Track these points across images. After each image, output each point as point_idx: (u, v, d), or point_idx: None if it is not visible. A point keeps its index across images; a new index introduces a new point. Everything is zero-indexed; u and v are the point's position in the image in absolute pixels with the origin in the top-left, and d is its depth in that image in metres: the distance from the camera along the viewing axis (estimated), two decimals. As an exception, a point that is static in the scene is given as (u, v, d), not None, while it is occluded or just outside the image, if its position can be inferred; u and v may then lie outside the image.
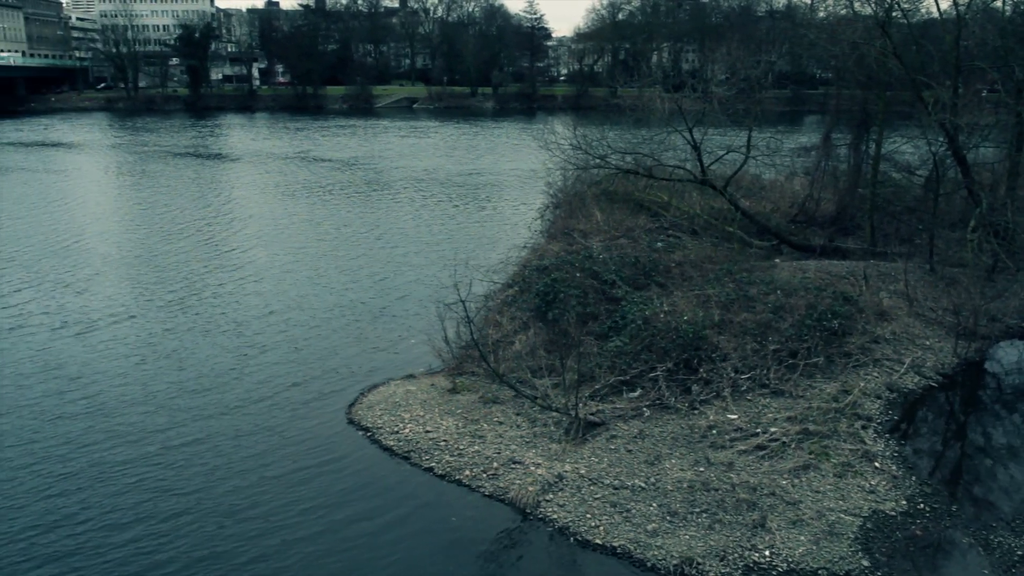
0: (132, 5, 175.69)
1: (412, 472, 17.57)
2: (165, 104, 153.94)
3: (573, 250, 28.79)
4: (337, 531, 15.45)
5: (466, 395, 20.68)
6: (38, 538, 15.10)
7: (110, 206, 53.70)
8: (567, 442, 17.98)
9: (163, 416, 20.32)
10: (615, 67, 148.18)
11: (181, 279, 32.94)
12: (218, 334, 26.32)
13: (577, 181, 38.53)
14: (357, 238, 40.94)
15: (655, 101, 34.91)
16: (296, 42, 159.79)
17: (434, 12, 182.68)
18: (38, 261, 35.94)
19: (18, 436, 19.15)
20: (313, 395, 21.69)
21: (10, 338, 25.81)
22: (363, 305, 29.56)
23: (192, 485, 17.08)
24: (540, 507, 15.79)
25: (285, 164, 72.45)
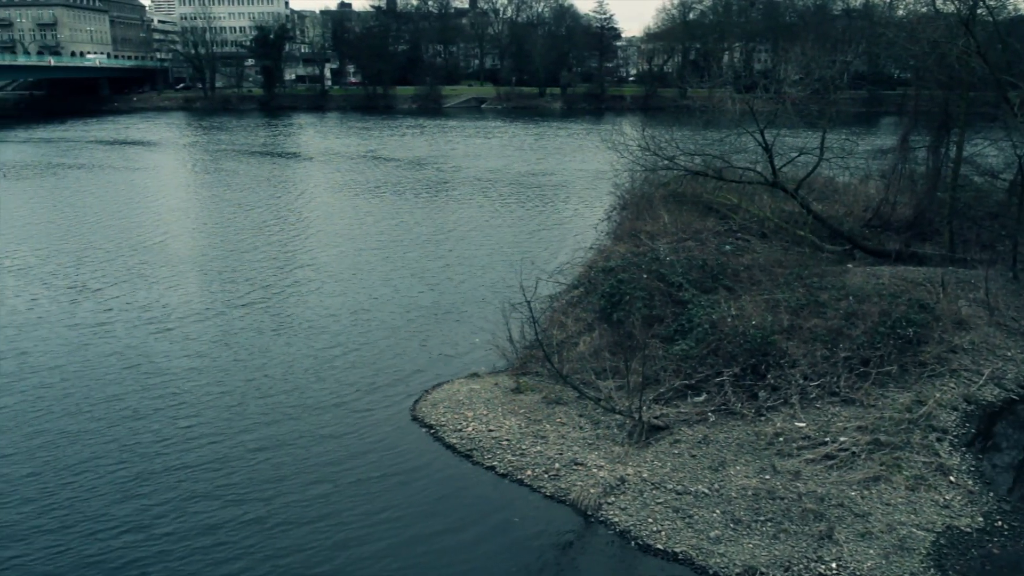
0: (211, 8, 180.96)
1: (474, 470, 17.68)
2: (240, 104, 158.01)
3: (640, 252, 28.56)
4: (398, 528, 15.64)
5: (529, 395, 20.71)
6: (111, 540, 15.39)
7: (187, 204, 55.39)
8: (630, 445, 17.86)
9: (234, 399, 20.90)
10: (685, 67, 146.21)
11: (253, 277, 33.75)
12: (289, 332, 26.89)
13: (645, 182, 38.21)
14: (424, 237, 41.36)
15: (726, 102, 34.36)
16: (367, 43, 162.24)
17: (503, 13, 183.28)
18: (121, 258, 37.25)
19: (98, 433, 19.76)
20: (378, 391, 22.00)
21: (98, 333, 26.69)
22: (429, 304, 29.85)
23: (261, 481, 17.45)
24: (601, 510, 15.72)
25: (354, 163, 73.62)
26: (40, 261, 36.28)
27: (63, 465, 17.92)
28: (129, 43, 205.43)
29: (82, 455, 18.33)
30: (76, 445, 18.77)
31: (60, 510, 16.15)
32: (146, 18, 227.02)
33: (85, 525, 15.68)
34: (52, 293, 31.21)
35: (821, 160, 32.32)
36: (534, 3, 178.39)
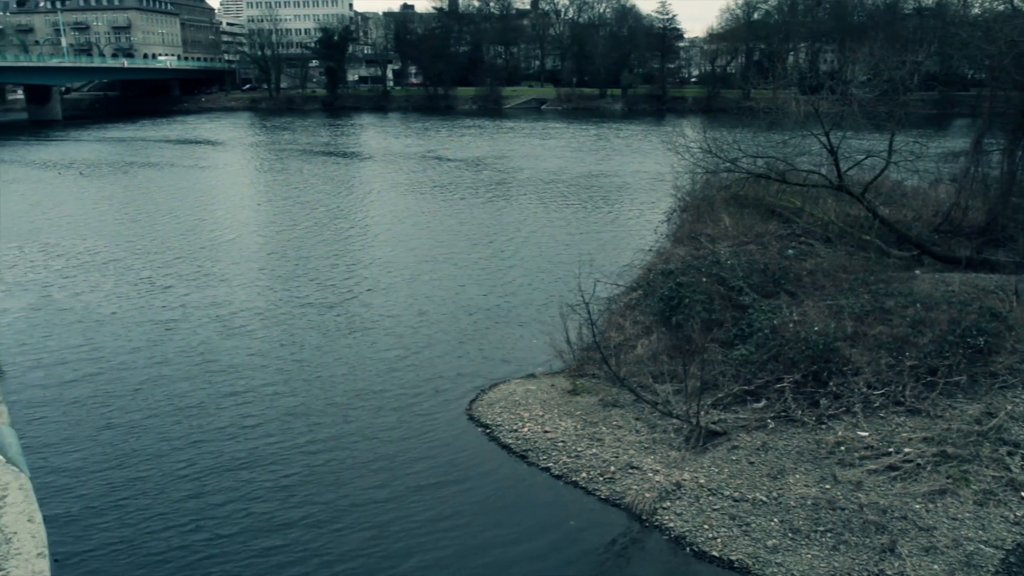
0: (277, 10, 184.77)
1: (529, 471, 17.73)
2: (304, 104, 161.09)
3: (700, 255, 28.27)
4: (453, 527, 15.76)
5: (586, 397, 20.67)
6: (172, 537, 15.63)
7: (252, 202, 56.71)
8: (687, 450, 17.71)
9: (296, 398, 21.33)
10: (748, 68, 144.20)
11: (315, 276, 34.36)
12: (349, 331, 27.30)
13: (706, 185, 37.80)
14: (482, 238, 41.57)
15: (790, 103, 33.77)
16: (429, 44, 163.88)
17: (565, 13, 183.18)
18: (190, 255, 38.33)
19: (163, 430, 20.28)
20: (436, 391, 22.21)
21: (167, 330, 27.38)
22: (487, 304, 30.00)
23: (321, 479, 17.74)
24: (656, 514, 15.62)
25: (415, 163, 74.38)
26: (114, 258, 37.55)
27: (129, 461, 18.46)
28: (199, 45, 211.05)
29: (147, 452, 18.83)
30: (142, 441, 19.29)
31: (123, 506, 16.60)
32: (215, 21, 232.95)
33: (148, 522, 16.09)
34: (125, 289, 32.25)
35: (889, 163, 31.52)
36: (596, 4, 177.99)
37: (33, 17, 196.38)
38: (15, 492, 8.50)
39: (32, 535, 7.86)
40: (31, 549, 7.70)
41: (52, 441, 19.20)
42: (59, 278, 33.97)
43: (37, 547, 7.66)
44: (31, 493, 8.49)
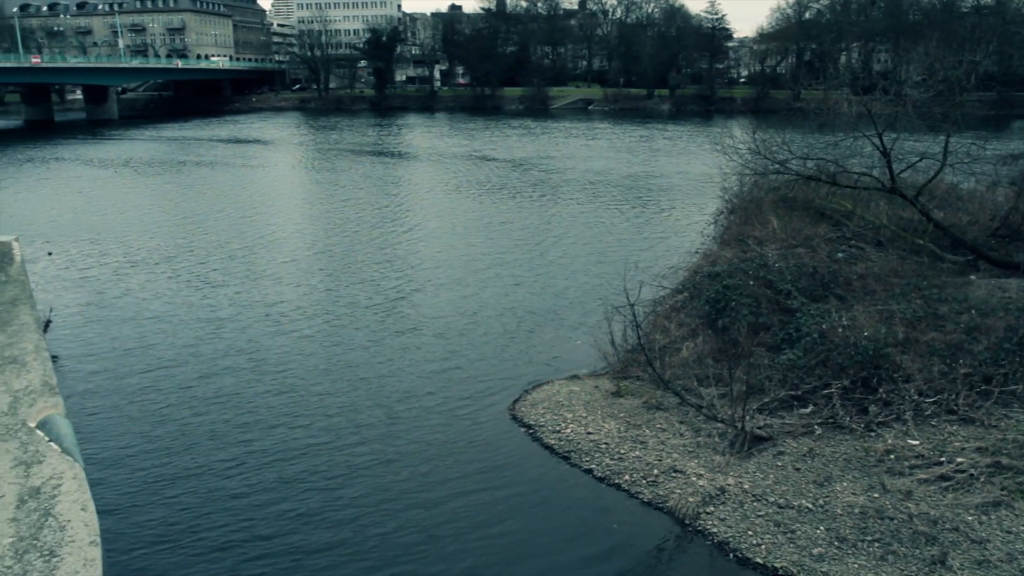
0: (327, 11, 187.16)
1: (571, 472, 17.68)
2: (352, 104, 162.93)
3: (747, 257, 27.92)
4: (495, 527, 15.77)
5: (629, 399, 20.55)
6: (220, 535, 15.89)
7: (300, 201, 57.53)
8: (731, 455, 17.50)
9: (341, 396, 21.57)
10: (799, 68, 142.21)
11: (362, 274, 34.72)
12: (394, 330, 27.52)
13: (754, 187, 37.32)
14: (527, 238, 41.59)
15: (842, 104, 33.16)
16: (476, 44, 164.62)
17: (613, 14, 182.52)
18: (240, 254, 38.99)
19: (211, 428, 20.64)
20: (478, 389, 22.27)
21: (218, 328, 27.80)
22: (531, 304, 30.00)
23: (364, 477, 17.90)
24: (700, 519, 15.46)
25: (461, 163, 74.70)
26: (167, 255, 38.37)
27: (178, 455, 18.82)
28: (250, 46, 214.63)
29: (195, 446, 19.16)
30: (191, 436, 19.64)
31: (171, 498, 16.92)
32: (266, 22, 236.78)
33: (194, 515, 16.35)
34: (177, 286, 32.94)
35: (944, 165, 30.76)
36: (644, 4, 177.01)
37: (92, 19, 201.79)
38: (69, 481, 8.74)
39: (85, 524, 8.07)
40: (84, 537, 7.91)
41: (105, 432, 19.67)
42: (114, 274, 34.82)
43: (90, 535, 7.86)
44: (84, 483, 8.72)
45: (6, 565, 6.86)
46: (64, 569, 7.06)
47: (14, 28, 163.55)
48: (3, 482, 8.37)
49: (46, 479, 8.43)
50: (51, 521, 7.70)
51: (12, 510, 7.79)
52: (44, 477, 8.43)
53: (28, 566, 7.04)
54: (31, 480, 8.43)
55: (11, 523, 7.54)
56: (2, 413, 9.90)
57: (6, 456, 8.91)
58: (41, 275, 33.28)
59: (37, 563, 7.07)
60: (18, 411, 9.83)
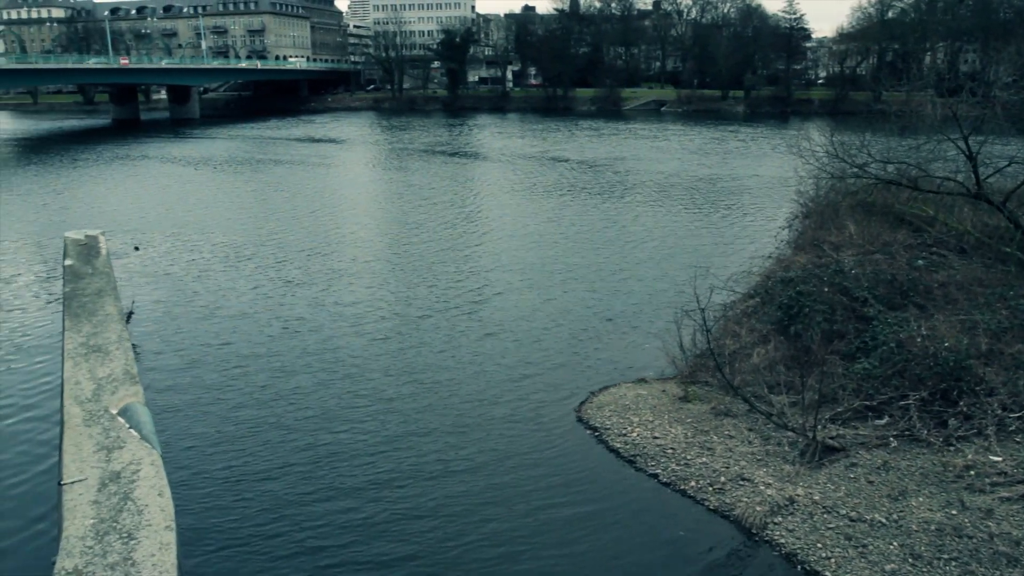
0: (402, 13, 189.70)
1: (637, 477, 17.53)
2: (425, 104, 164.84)
3: (822, 263, 27.26)
4: (559, 530, 15.72)
5: (697, 404, 20.28)
6: (289, 533, 16.22)
7: (374, 200, 58.48)
8: (801, 465, 17.10)
9: (410, 394, 21.81)
10: (880, 69, 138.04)
11: (432, 273, 35.05)
12: (463, 328, 27.71)
13: (831, 191, 36.43)
14: (596, 239, 41.41)
15: (925, 106, 32.11)
16: (549, 45, 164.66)
17: (688, 14, 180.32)
18: (315, 253, 39.80)
19: (285, 425, 20.99)
20: (545, 390, 22.26)
21: (299, 326, 28.25)
22: (600, 306, 29.85)
23: (431, 474, 18.04)
24: (767, 529, 15.15)
25: (531, 164, 74.81)
26: (245, 252, 39.42)
27: (250, 447, 19.26)
28: (326, 47, 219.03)
29: (267, 440, 19.53)
30: (263, 430, 20.04)
31: (243, 488, 17.34)
32: (343, 23, 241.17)
33: (263, 505, 16.66)
34: (255, 283, 33.79)
35: (1034, 171, 29.52)
36: (720, 4, 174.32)
37: (177, 22, 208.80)
38: (147, 467, 9.07)
39: (161, 508, 8.36)
40: (160, 522, 8.19)
41: (181, 422, 20.31)
42: (194, 269, 35.94)
43: (165, 520, 8.14)
44: (161, 469, 9.04)
45: (87, 545, 7.14)
46: (141, 551, 7.32)
47: (105, 31, 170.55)
48: (86, 465, 8.72)
49: (126, 464, 8.76)
50: (130, 505, 8.00)
51: (94, 493, 8.11)
52: (124, 462, 8.76)
53: (108, 547, 7.32)
54: (112, 465, 8.76)
55: (93, 505, 7.86)
56: (86, 399, 10.29)
57: (89, 441, 9.27)
58: (125, 268, 34.56)
59: (116, 544, 7.34)
60: (101, 398, 10.22)
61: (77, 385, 10.20)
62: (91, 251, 14.21)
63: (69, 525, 7.52)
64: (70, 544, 7.29)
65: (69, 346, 11.14)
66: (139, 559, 7.14)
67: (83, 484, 8.39)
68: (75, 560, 7.07)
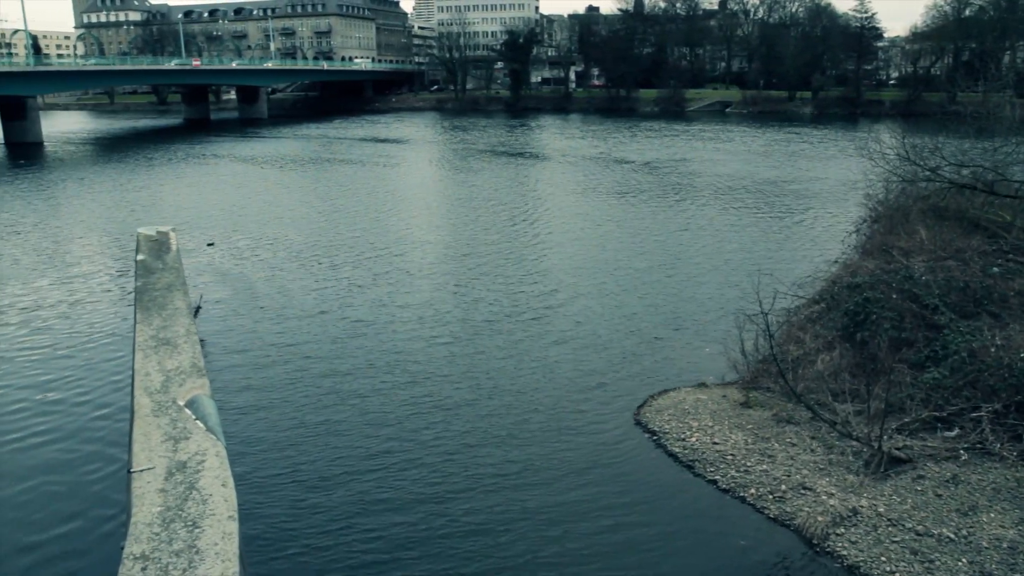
0: (466, 14, 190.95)
1: (695, 482, 17.30)
2: (488, 105, 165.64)
3: (891, 269, 26.51)
4: (616, 533, 15.60)
5: (759, 411, 19.93)
6: (342, 522, 16.50)
7: (435, 200, 59.06)
8: (865, 475, 16.66)
9: (468, 392, 21.93)
10: (956, 69, 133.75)
11: (492, 273, 35.16)
12: (526, 328, 27.72)
13: (901, 194, 35.44)
14: (658, 241, 41.06)
15: (1003, 107, 31.08)
16: (613, 45, 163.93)
17: (754, 13, 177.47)
18: (377, 252, 40.33)
19: (343, 418, 21.33)
20: (603, 392, 22.13)
21: (363, 326, 28.56)
22: (660, 309, 29.59)
23: (489, 475, 18.08)
24: (829, 540, 14.79)
25: (593, 165, 74.56)
26: (310, 251, 40.15)
27: (311, 441, 19.58)
28: (391, 48, 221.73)
29: (327, 435, 19.73)
30: (324, 425, 20.32)
31: (303, 482, 17.61)
32: (407, 24, 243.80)
33: (321, 501, 16.89)
34: (319, 281, 34.37)
35: (1120, 175, 28.29)
36: (788, 3, 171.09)
37: (247, 24, 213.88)
38: (212, 458, 9.30)
39: (225, 499, 8.56)
40: (223, 511, 8.39)
41: (244, 415, 20.76)
42: (260, 266, 36.77)
43: (228, 510, 8.33)
44: (226, 460, 9.25)
45: (154, 532, 7.35)
46: (205, 540, 7.51)
47: (178, 33, 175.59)
48: (154, 454, 8.97)
49: (192, 455, 8.98)
50: (195, 494, 8.21)
51: (161, 481, 8.34)
52: (190, 453, 8.99)
53: (173, 535, 7.53)
54: (178, 455, 8.99)
55: (160, 493, 8.08)
56: (156, 390, 10.58)
57: (158, 431, 9.53)
58: (194, 264, 35.51)
59: (181, 532, 7.55)
60: (169, 390, 10.50)
61: (147, 376, 10.50)
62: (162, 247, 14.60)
63: (137, 512, 7.74)
64: (138, 530, 7.50)
65: (140, 338, 11.47)
66: (203, 547, 7.32)
67: (151, 472, 8.62)
68: (143, 546, 7.27)
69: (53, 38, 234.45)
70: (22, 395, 22.22)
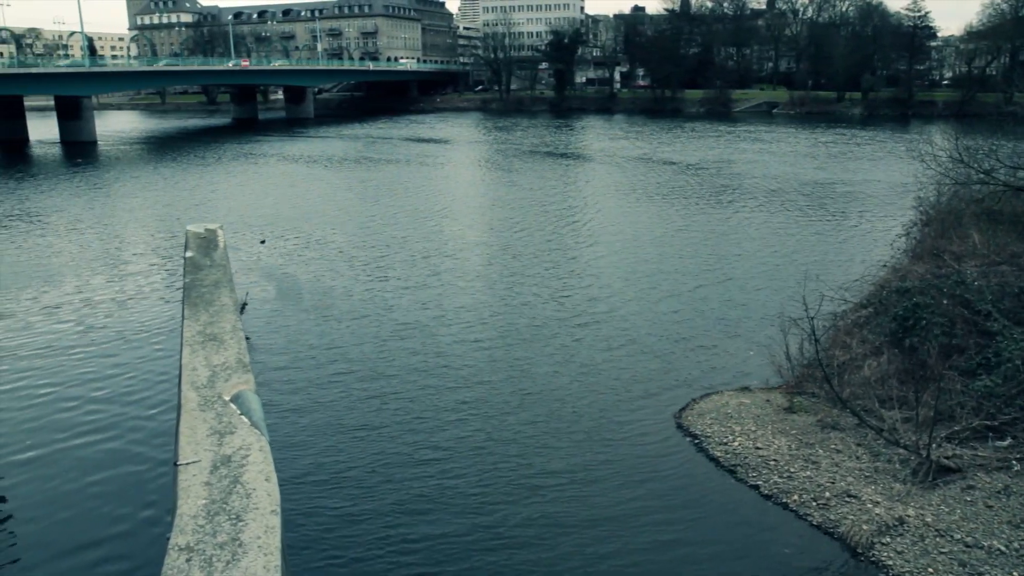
0: (511, 15, 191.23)
1: (736, 487, 17.11)
2: (532, 105, 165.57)
3: (941, 274, 25.93)
4: (656, 536, 15.49)
5: (803, 416, 19.64)
6: (381, 520, 16.67)
7: (477, 200, 59.20)
8: (913, 484, 16.31)
9: (511, 394, 21.96)
10: (1013, 69, 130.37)
11: (534, 274, 35.16)
12: (563, 331, 27.67)
13: (954, 197, 34.66)
14: (701, 243, 40.67)
15: (1062, 109, 30.16)
16: (658, 46, 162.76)
17: (803, 13, 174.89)
18: (419, 252, 40.58)
19: (382, 416, 21.54)
20: (645, 394, 21.99)
21: (404, 326, 28.85)
22: (702, 311, 29.31)
23: (525, 473, 18.11)
24: (874, 549, 14.51)
25: (637, 166, 74.13)
26: (354, 250, 40.57)
27: (352, 439, 19.78)
28: (436, 48, 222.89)
29: (366, 438, 19.77)
30: (363, 427, 20.44)
31: (344, 477, 17.81)
32: (452, 25, 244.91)
33: (357, 503, 16.99)
34: (362, 281, 34.71)
35: None
36: (838, 2, 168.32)
37: (295, 25, 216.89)
38: (256, 453, 9.41)
39: (268, 493, 8.66)
40: (266, 506, 8.49)
41: (287, 411, 21.03)
42: (304, 265, 37.24)
43: (271, 505, 8.43)
44: (269, 455, 9.35)
45: (199, 524, 7.48)
46: (248, 533, 7.61)
47: (228, 35, 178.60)
48: (200, 448, 9.12)
49: (236, 449, 9.11)
50: (239, 488, 8.32)
51: (206, 474, 8.47)
52: (235, 447, 9.11)
53: (217, 527, 7.64)
54: (223, 449, 9.13)
55: (205, 486, 8.21)
56: (202, 385, 10.77)
57: (203, 425, 9.69)
58: (241, 261, 36.08)
59: (225, 525, 7.66)
60: (215, 384, 10.67)
61: (194, 371, 10.67)
62: (210, 244, 14.79)
63: (183, 504, 7.87)
64: (183, 522, 7.63)
65: (187, 334, 11.65)
66: (246, 540, 7.42)
67: (196, 466, 8.76)
68: (187, 537, 7.40)
69: (108, 39, 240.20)
70: (76, 386, 22.79)
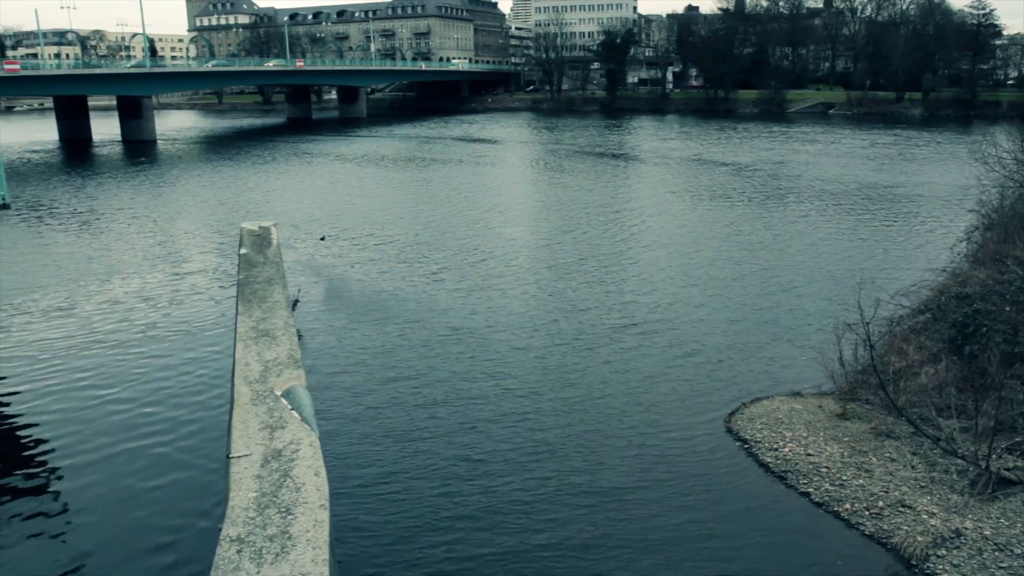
0: (564, 15, 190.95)
1: (786, 494, 16.83)
2: (583, 105, 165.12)
3: (1004, 279, 25.18)
4: (705, 542, 15.29)
5: (856, 423, 19.25)
6: (425, 517, 16.79)
7: (527, 201, 59.26)
8: (971, 496, 15.87)
9: (565, 395, 21.92)
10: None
11: (584, 276, 35.04)
12: (615, 333, 27.50)
13: (1018, 200, 33.62)
14: (754, 245, 40.12)
15: None
16: (712, 46, 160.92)
17: (862, 11, 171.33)
18: (472, 252, 40.74)
19: (433, 416, 21.63)
20: (695, 397, 21.77)
21: (455, 327, 29.09)
22: (755, 314, 28.90)
23: (573, 475, 18.04)
24: (929, 562, 14.15)
25: (689, 167, 73.47)
26: (406, 249, 40.94)
27: (402, 437, 19.95)
28: (488, 49, 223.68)
29: (414, 437, 19.86)
30: (411, 427, 20.52)
31: (392, 475, 17.95)
32: (505, 25, 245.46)
33: (409, 495, 17.15)
34: (413, 280, 34.98)
35: None
36: (898, 0, 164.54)
37: (349, 26, 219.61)
38: (306, 448, 9.57)
39: (317, 488, 8.80)
40: (315, 500, 8.63)
41: (337, 407, 21.27)
42: (355, 264, 37.66)
43: (320, 499, 8.56)
44: (319, 451, 9.51)
45: (250, 516, 7.62)
46: (297, 527, 7.74)
47: (284, 35, 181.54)
48: (252, 442, 9.28)
49: (287, 443, 9.26)
50: (289, 482, 8.46)
51: (257, 468, 8.62)
52: (285, 441, 9.27)
53: (268, 520, 7.78)
54: (274, 443, 9.28)
55: (256, 479, 8.36)
56: (254, 380, 10.95)
57: (255, 419, 9.86)
58: (293, 258, 36.64)
59: (275, 518, 7.80)
60: (267, 379, 10.84)
61: (247, 366, 10.88)
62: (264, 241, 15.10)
63: (235, 496, 8.04)
64: (235, 514, 7.80)
65: (241, 329, 11.89)
66: (295, 533, 7.57)
67: (248, 459, 8.95)
68: (239, 529, 7.57)
69: (168, 41, 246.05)
70: (132, 382, 23.36)
